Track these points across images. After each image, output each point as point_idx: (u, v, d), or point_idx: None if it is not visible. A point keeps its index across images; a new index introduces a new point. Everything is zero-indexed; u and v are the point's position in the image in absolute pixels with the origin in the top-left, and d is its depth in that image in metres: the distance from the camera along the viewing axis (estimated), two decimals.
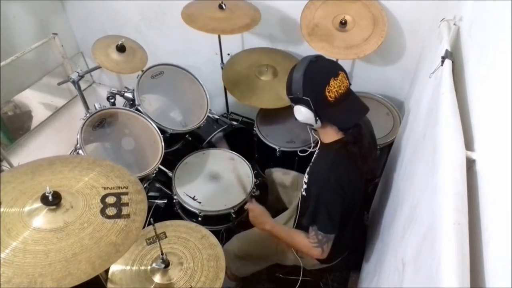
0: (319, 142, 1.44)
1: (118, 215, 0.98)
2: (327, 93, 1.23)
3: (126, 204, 1.01)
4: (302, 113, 1.29)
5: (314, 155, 1.49)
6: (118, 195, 1.02)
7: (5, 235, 0.88)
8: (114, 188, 1.04)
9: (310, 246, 1.36)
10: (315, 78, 1.25)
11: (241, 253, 1.65)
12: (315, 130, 1.42)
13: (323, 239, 1.33)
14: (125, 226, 0.97)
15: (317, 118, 1.28)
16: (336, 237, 1.39)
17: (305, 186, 1.43)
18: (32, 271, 0.84)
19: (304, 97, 1.25)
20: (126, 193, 1.04)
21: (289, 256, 1.60)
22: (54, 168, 1.07)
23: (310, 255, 1.44)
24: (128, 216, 0.99)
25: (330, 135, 1.34)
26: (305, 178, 1.45)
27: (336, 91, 1.24)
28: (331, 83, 1.23)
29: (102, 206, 0.99)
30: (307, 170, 1.47)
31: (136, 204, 1.03)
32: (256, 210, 1.54)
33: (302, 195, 1.47)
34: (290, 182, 1.86)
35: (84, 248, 0.90)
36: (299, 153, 1.86)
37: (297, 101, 1.29)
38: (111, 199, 1.01)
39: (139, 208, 1.02)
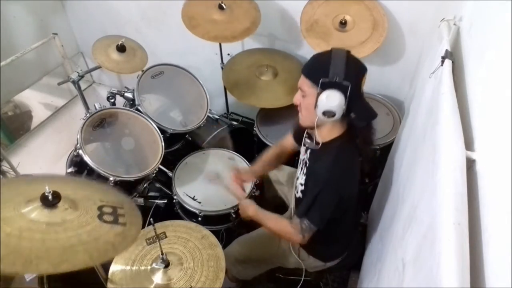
0: (314, 141, 1.39)
1: (115, 222, 0.98)
2: (362, 84, 1.21)
3: (123, 216, 1.01)
4: (335, 99, 1.18)
5: (309, 155, 1.43)
6: (114, 208, 1.02)
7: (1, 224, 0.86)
8: (110, 202, 1.04)
9: (292, 232, 1.35)
10: (358, 65, 1.22)
11: (242, 257, 1.64)
12: (311, 127, 1.38)
13: (306, 228, 1.32)
14: (122, 231, 0.97)
15: (344, 109, 1.21)
16: (335, 236, 1.39)
17: (301, 187, 1.41)
18: (28, 253, 0.82)
19: (344, 82, 1.16)
20: (122, 208, 1.04)
21: (291, 260, 1.59)
22: (49, 180, 1.04)
23: (291, 241, 1.45)
24: (124, 224, 0.99)
25: (332, 132, 1.31)
26: (301, 179, 1.42)
27: (363, 85, 1.23)
28: (365, 75, 1.22)
29: (99, 212, 0.98)
30: (303, 170, 1.43)
31: (132, 217, 1.03)
32: (243, 202, 1.56)
33: (297, 197, 1.45)
34: (285, 179, 1.84)
35: (82, 242, 0.89)
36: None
37: (331, 85, 1.18)
38: (107, 209, 1.01)
39: (135, 221, 1.03)
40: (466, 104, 0.95)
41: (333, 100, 1.19)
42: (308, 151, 1.42)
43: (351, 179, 1.31)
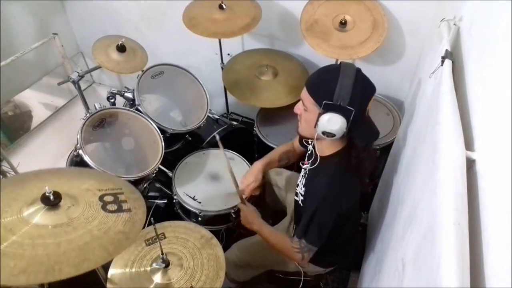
0: (314, 154, 1.37)
1: (119, 210, 0.98)
2: (367, 108, 1.18)
3: (125, 201, 1.01)
4: (336, 123, 1.16)
5: (309, 167, 1.41)
6: (114, 195, 1.02)
7: (7, 233, 0.86)
8: (108, 190, 1.03)
9: (292, 251, 1.36)
10: (365, 90, 1.18)
11: (241, 263, 1.63)
12: (310, 139, 1.36)
13: (305, 248, 1.33)
14: (129, 218, 0.97)
15: (345, 132, 1.19)
16: (336, 246, 1.38)
17: (301, 197, 1.40)
18: (47, 260, 0.82)
19: (348, 107, 1.13)
20: (122, 193, 1.03)
21: (290, 265, 1.60)
22: (41, 177, 1.05)
23: (291, 259, 1.45)
24: (129, 210, 0.99)
25: (331, 147, 1.30)
26: (301, 189, 1.41)
27: (369, 106, 1.20)
28: (372, 98, 1.19)
29: (102, 203, 0.98)
30: (303, 181, 1.42)
31: (134, 201, 1.03)
32: (246, 210, 1.52)
33: (298, 204, 1.44)
34: (284, 184, 1.82)
35: (95, 237, 0.89)
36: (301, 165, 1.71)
37: (334, 108, 1.15)
38: (109, 198, 1.00)
39: (138, 204, 1.03)
40: (466, 104, 0.95)
41: (334, 123, 1.17)
42: (310, 161, 1.42)
43: (349, 195, 1.30)
